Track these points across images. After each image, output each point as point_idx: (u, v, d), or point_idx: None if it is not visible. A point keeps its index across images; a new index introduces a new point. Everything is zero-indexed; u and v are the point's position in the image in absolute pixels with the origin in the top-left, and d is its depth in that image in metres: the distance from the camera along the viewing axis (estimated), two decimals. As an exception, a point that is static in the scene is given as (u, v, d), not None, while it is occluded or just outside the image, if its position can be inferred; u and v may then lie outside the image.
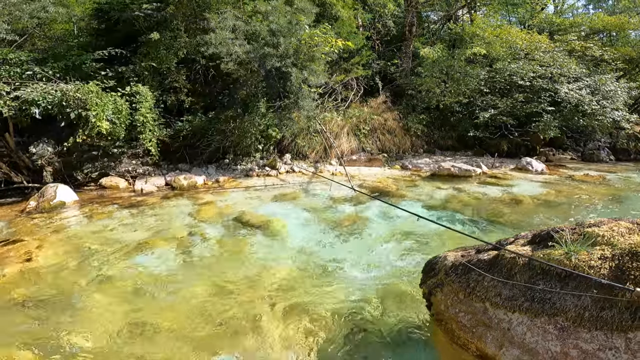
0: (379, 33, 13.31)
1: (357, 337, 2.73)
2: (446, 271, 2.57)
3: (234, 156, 8.74)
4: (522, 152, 10.87)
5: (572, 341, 1.82)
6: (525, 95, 10.37)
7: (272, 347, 2.63)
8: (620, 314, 1.73)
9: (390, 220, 5.32)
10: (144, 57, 7.91)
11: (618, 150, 11.54)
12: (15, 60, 7.02)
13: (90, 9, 8.78)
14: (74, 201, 6.22)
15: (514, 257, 2.24)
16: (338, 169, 8.88)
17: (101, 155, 7.47)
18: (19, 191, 6.70)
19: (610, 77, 10.83)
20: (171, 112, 8.58)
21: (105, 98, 6.68)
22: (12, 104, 6.03)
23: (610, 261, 1.91)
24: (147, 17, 7.81)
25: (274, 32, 7.52)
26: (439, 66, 11.10)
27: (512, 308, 2.07)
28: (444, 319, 2.50)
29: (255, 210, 5.82)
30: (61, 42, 8.72)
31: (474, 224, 5.23)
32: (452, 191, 6.99)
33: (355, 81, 11.59)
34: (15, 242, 4.54)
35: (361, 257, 4.11)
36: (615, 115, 9.90)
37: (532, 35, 11.58)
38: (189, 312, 3.07)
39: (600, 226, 2.18)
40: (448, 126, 11.73)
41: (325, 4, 10.50)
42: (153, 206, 6.08)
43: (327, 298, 3.26)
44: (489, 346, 2.15)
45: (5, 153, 6.77)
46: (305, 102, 7.84)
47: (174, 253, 4.27)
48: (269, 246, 4.49)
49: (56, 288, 3.49)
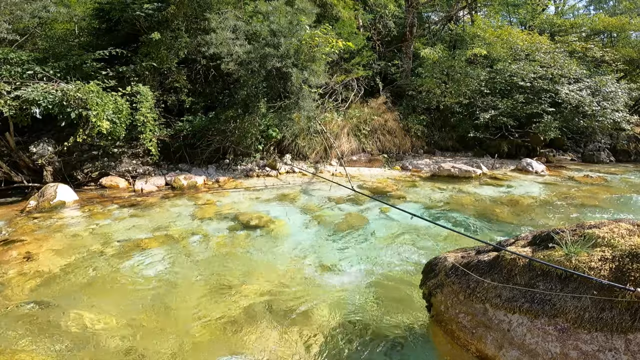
0: (380, 33, 13.32)
1: (356, 338, 2.72)
2: (446, 272, 2.57)
3: (234, 156, 8.75)
4: (523, 153, 10.88)
5: (572, 342, 1.82)
6: (525, 96, 10.37)
7: (271, 348, 2.63)
8: (620, 315, 1.73)
9: (389, 221, 5.32)
10: (144, 57, 7.92)
11: (618, 151, 11.54)
12: (16, 60, 7.04)
13: (91, 8, 8.81)
14: (74, 201, 6.22)
15: (514, 258, 2.24)
16: (338, 170, 8.88)
17: (101, 154, 7.48)
18: (19, 191, 6.70)
19: (610, 78, 10.84)
20: (171, 112, 8.59)
21: (106, 98, 6.68)
22: (13, 104, 6.04)
23: (611, 262, 1.91)
24: (148, 17, 7.81)
25: (274, 33, 7.52)
26: (439, 67, 11.11)
27: (512, 309, 2.07)
28: (444, 319, 2.50)
29: (255, 210, 5.82)
30: (62, 42, 8.73)
31: (474, 224, 5.23)
32: (452, 192, 6.99)
33: (355, 82, 11.60)
34: (15, 241, 4.54)
35: (360, 258, 4.11)
36: (615, 116, 9.91)
37: (532, 36, 11.58)
38: (188, 312, 3.07)
39: (600, 227, 2.18)
40: (448, 127, 11.73)
41: (326, 4, 10.51)
42: (153, 206, 6.08)
43: (326, 298, 3.26)
44: (488, 347, 2.15)
45: (6, 152, 6.77)
46: (306, 102, 7.84)
47: (173, 253, 4.27)
48: (269, 246, 4.49)
49: (56, 288, 3.49)
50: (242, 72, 7.61)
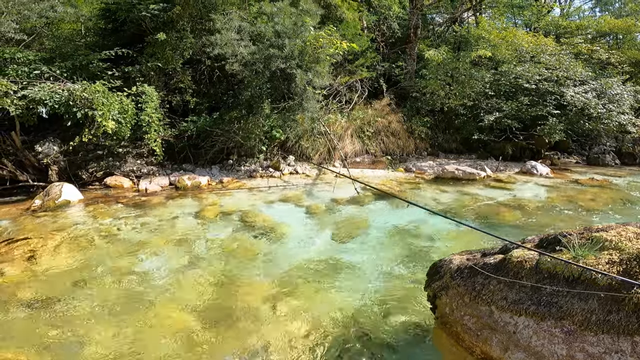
0: (384, 35, 13.31)
1: (360, 340, 2.72)
2: (451, 274, 2.56)
3: (238, 157, 8.77)
4: (527, 155, 10.81)
5: (579, 345, 1.81)
6: (530, 99, 10.31)
7: (274, 348, 2.63)
8: (627, 317, 1.72)
9: (393, 222, 5.31)
10: (150, 57, 7.96)
11: (623, 154, 11.45)
12: (23, 60, 7.10)
13: (98, 9, 8.86)
14: (78, 200, 6.26)
15: (520, 260, 2.23)
16: (342, 171, 8.87)
17: (106, 154, 7.52)
18: (24, 190, 6.76)
19: (616, 80, 10.76)
20: (176, 113, 8.62)
21: (112, 98, 6.72)
22: (19, 103, 6.09)
23: (618, 265, 1.90)
24: (153, 18, 7.86)
25: (279, 34, 7.54)
26: (443, 69, 11.08)
27: (518, 311, 2.06)
28: (449, 322, 2.49)
29: (258, 211, 5.83)
30: (69, 42, 8.79)
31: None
32: (456, 194, 6.97)
33: (359, 83, 11.59)
34: (20, 240, 4.57)
35: (363, 259, 4.10)
36: (621, 118, 9.83)
37: (538, 38, 11.54)
38: (192, 312, 3.07)
39: (608, 231, 2.17)
40: (452, 129, 11.69)
41: (331, 5, 10.52)
42: (157, 206, 6.10)
43: (329, 299, 3.26)
44: (494, 349, 2.14)
45: (11, 151, 6.83)
46: (310, 103, 7.85)
47: (177, 253, 4.28)
48: (272, 247, 4.50)
49: (60, 286, 3.51)
50: (246, 73, 7.63)
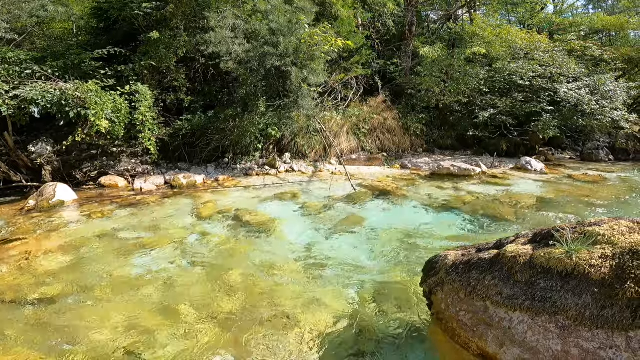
0: (379, 32, 13.30)
1: (356, 337, 2.73)
2: (447, 270, 2.57)
3: (234, 155, 8.74)
4: (522, 151, 10.88)
5: (573, 340, 1.82)
6: (524, 95, 10.37)
7: (270, 347, 2.63)
8: (621, 312, 1.73)
9: (388, 219, 5.32)
10: (143, 55, 7.89)
11: (617, 149, 11.55)
12: (14, 59, 7.02)
13: (90, 7, 8.78)
14: (73, 200, 6.21)
15: (514, 255, 2.24)
16: (338, 168, 8.87)
17: (100, 154, 7.46)
18: (18, 190, 6.69)
19: (609, 77, 10.83)
20: (170, 111, 8.57)
21: (105, 97, 6.67)
22: (11, 103, 6.02)
23: (611, 260, 1.91)
24: (146, 16, 7.79)
25: (273, 31, 7.50)
26: (438, 65, 11.10)
27: (513, 307, 2.07)
28: (445, 318, 2.50)
29: (254, 209, 5.81)
30: (60, 41, 8.72)
31: (473, 222, 5.24)
32: (451, 190, 7.00)
33: (354, 80, 11.59)
34: (14, 241, 4.53)
35: (360, 256, 4.11)
36: (614, 115, 9.91)
37: (531, 35, 11.58)
38: (188, 311, 3.06)
39: (600, 225, 2.18)
40: (447, 125, 11.74)
41: (325, 3, 10.48)
42: (152, 205, 6.07)
43: (325, 297, 3.26)
44: (489, 345, 2.15)
45: (4, 152, 6.75)
46: (305, 101, 7.83)
47: (172, 252, 4.26)
48: (268, 245, 4.49)
49: (54, 287, 3.48)
50: (241, 71, 7.60)
